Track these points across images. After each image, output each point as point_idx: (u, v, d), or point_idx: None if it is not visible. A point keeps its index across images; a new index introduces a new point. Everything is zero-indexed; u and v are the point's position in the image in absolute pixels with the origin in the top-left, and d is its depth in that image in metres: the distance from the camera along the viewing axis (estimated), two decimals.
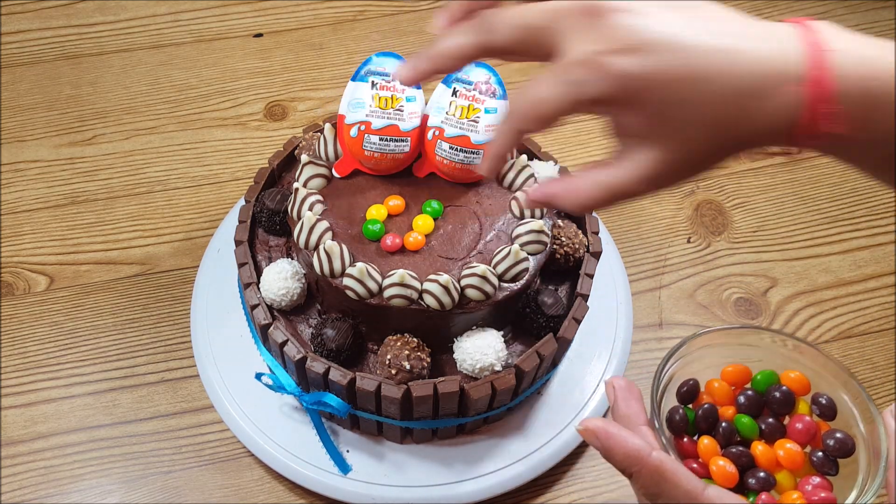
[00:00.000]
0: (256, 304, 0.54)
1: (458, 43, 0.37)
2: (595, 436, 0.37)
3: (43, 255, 0.71)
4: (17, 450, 0.61)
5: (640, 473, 0.36)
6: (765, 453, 0.39)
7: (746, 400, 0.41)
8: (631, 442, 0.36)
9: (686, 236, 0.75)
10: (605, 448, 0.37)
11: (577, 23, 0.34)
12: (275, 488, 0.60)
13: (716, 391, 0.42)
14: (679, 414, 0.41)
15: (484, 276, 0.50)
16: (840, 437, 0.39)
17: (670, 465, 0.35)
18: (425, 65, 0.38)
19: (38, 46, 0.87)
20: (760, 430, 0.40)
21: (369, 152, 0.54)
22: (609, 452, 0.37)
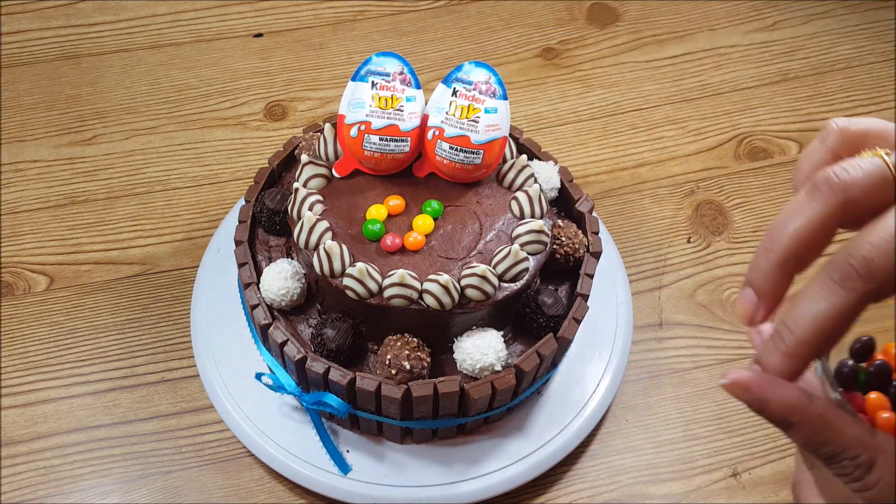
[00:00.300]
0: (256, 304, 0.54)
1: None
2: (746, 389, 0.32)
3: (43, 255, 0.71)
4: (17, 450, 0.61)
5: (801, 424, 0.31)
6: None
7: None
8: (788, 391, 0.31)
9: (686, 236, 0.75)
10: (760, 400, 0.31)
11: None
12: (275, 488, 0.60)
13: (893, 356, 0.37)
14: (848, 367, 0.36)
15: (484, 276, 0.50)
16: None
17: (834, 412, 0.31)
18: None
19: (38, 46, 0.87)
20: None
21: (369, 152, 0.54)
22: (764, 405, 0.32)
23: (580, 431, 0.60)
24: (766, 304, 0.31)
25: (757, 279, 0.31)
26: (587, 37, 0.91)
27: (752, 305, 0.31)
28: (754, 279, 0.31)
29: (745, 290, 0.32)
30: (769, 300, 0.31)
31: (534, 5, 0.94)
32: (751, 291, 0.31)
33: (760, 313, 0.32)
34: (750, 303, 0.31)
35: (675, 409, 0.65)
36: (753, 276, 0.31)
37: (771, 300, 0.31)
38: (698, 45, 0.91)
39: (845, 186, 0.29)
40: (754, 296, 0.31)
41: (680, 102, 0.85)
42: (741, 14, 0.94)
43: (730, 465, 0.62)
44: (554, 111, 0.84)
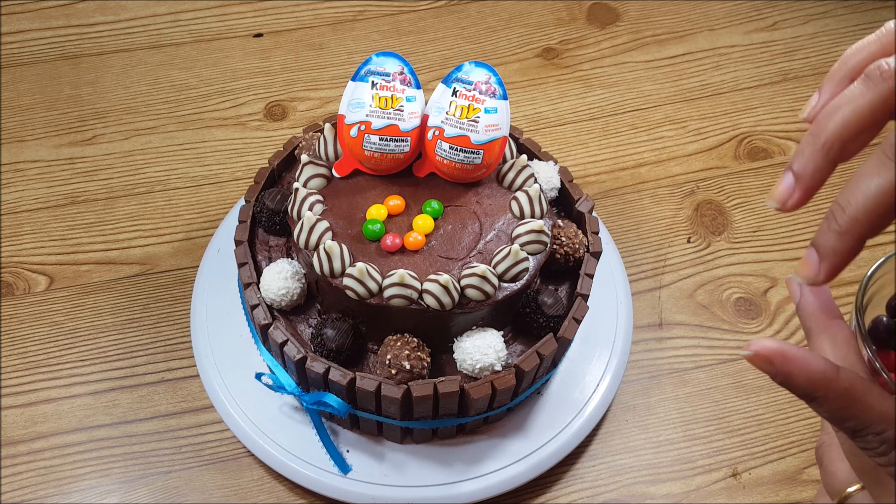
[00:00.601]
0: (256, 304, 0.54)
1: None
2: (769, 361, 0.31)
3: (43, 255, 0.71)
4: (17, 450, 0.61)
5: (826, 398, 0.31)
6: None
7: None
8: (814, 364, 0.31)
9: (686, 236, 0.75)
10: (784, 374, 0.31)
11: None
12: (275, 488, 0.60)
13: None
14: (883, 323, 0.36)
15: (484, 276, 0.50)
16: None
17: (861, 385, 0.30)
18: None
19: (38, 46, 0.87)
20: None
21: (369, 152, 0.54)
22: (789, 378, 0.31)
23: (580, 431, 0.60)
24: (803, 189, 0.30)
25: (798, 163, 0.30)
26: (587, 37, 0.91)
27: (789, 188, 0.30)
28: (795, 163, 0.30)
29: (784, 174, 0.31)
30: (807, 184, 0.30)
31: (534, 5, 0.94)
32: (790, 175, 0.30)
33: (796, 196, 0.30)
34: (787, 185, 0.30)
35: (674, 409, 0.65)
36: (795, 160, 0.30)
37: (809, 185, 0.30)
38: (698, 45, 0.91)
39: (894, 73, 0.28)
40: (792, 179, 0.30)
41: (680, 102, 0.85)
42: (741, 14, 0.94)
43: (730, 465, 0.62)
44: (554, 111, 0.84)
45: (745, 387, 0.66)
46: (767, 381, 0.67)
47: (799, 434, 0.64)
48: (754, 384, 0.66)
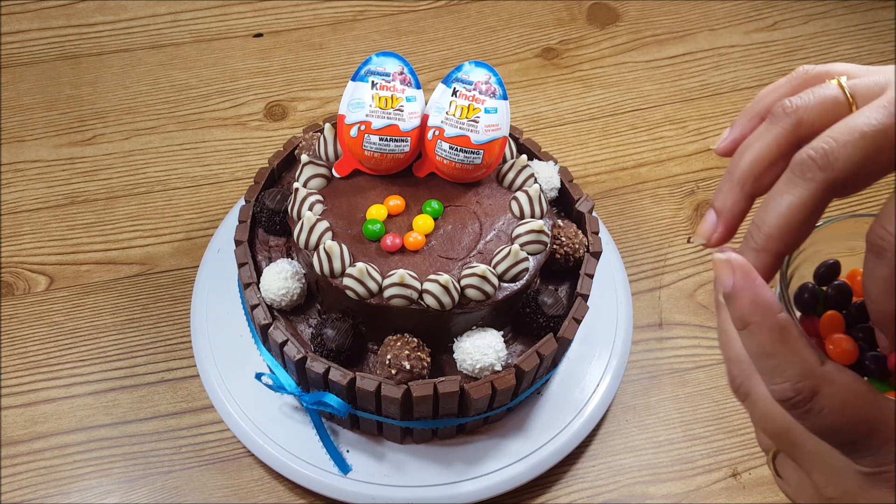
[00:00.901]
0: (256, 304, 0.54)
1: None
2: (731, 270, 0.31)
3: (43, 255, 0.71)
4: (17, 450, 0.61)
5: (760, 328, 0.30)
6: None
7: None
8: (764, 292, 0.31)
9: (686, 236, 0.75)
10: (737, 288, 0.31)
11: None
12: (275, 488, 0.60)
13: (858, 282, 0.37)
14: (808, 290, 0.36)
15: (484, 276, 0.50)
16: None
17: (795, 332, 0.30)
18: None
19: (38, 46, 0.87)
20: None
21: (369, 152, 0.54)
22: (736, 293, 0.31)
23: (580, 431, 0.60)
24: (724, 223, 0.33)
25: (718, 200, 0.33)
26: (587, 37, 0.91)
27: (712, 225, 0.33)
28: (716, 200, 0.33)
29: (708, 212, 0.33)
30: (727, 219, 0.33)
31: (534, 5, 0.94)
32: (712, 212, 0.33)
33: (719, 231, 0.33)
34: (710, 223, 0.33)
35: (674, 409, 0.65)
36: (715, 198, 0.33)
37: (730, 219, 0.33)
38: (698, 45, 0.91)
39: (797, 109, 0.31)
40: (714, 216, 0.33)
41: (680, 102, 0.85)
42: (741, 14, 0.94)
43: (730, 465, 0.62)
44: (554, 111, 0.84)
45: None
46: None
47: None
48: None
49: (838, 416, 0.29)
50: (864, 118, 0.29)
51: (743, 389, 0.33)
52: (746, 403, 0.33)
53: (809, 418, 0.30)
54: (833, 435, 0.30)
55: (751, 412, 0.33)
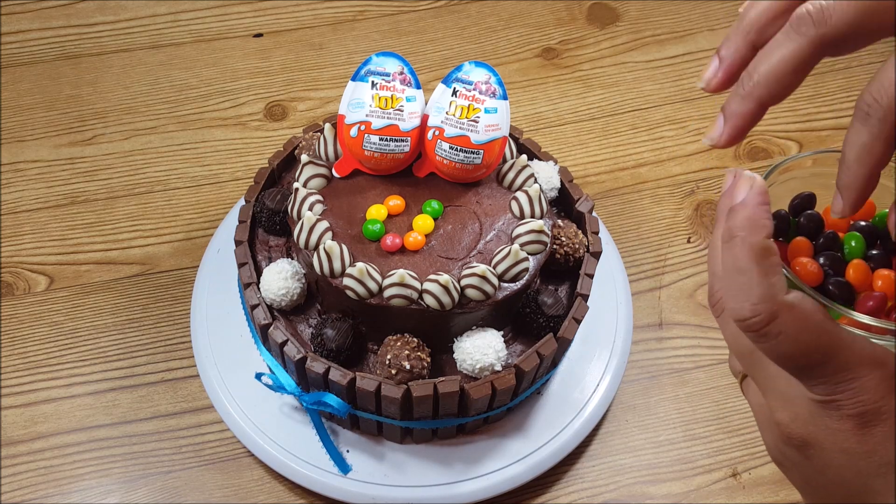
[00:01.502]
0: (256, 304, 0.54)
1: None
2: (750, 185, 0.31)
3: (43, 255, 0.71)
4: (17, 450, 0.61)
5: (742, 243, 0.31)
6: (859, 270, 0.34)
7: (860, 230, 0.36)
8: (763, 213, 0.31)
9: (686, 236, 0.75)
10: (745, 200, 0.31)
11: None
12: (275, 488, 0.60)
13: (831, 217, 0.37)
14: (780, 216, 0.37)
15: (484, 276, 0.50)
16: None
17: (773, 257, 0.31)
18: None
19: (38, 46, 0.87)
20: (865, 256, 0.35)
21: (369, 152, 0.54)
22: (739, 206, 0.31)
23: (580, 431, 0.60)
24: (725, 70, 0.33)
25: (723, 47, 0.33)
26: (587, 37, 0.91)
27: (714, 70, 0.34)
28: (721, 47, 0.33)
29: (712, 59, 0.34)
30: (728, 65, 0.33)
31: (534, 5, 0.94)
32: (716, 58, 0.33)
33: (718, 77, 0.34)
34: (713, 68, 0.34)
35: (674, 409, 0.65)
36: (721, 45, 0.33)
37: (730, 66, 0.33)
38: (698, 45, 0.91)
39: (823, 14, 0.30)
40: (717, 62, 0.33)
41: (680, 102, 0.85)
42: None
43: (730, 465, 0.62)
44: (554, 111, 0.84)
45: None
46: None
47: None
48: None
49: (793, 343, 0.30)
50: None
51: (719, 305, 0.33)
52: (720, 320, 0.34)
53: (766, 342, 0.30)
54: (787, 360, 0.31)
55: (722, 329, 0.34)
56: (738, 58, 0.33)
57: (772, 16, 0.32)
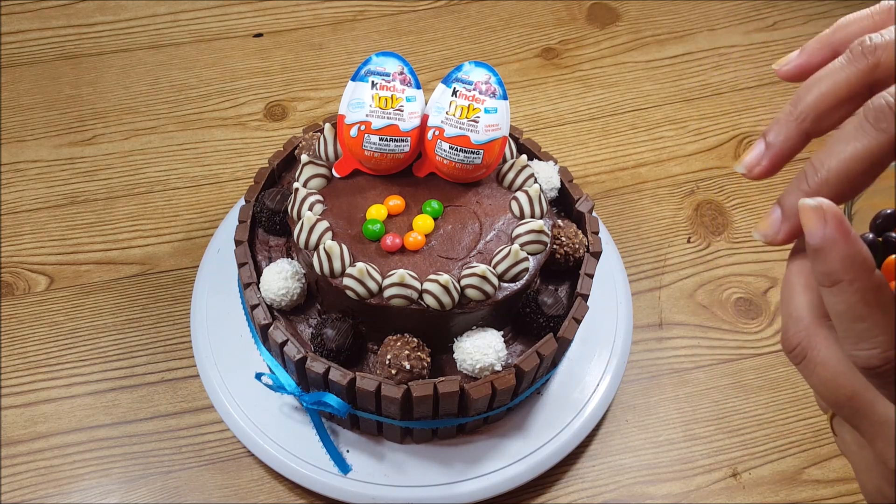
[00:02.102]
0: (256, 304, 0.54)
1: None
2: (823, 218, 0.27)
3: (43, 255, 0.71)
4: (17, 450, 0.61)
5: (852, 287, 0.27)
6: None
7: None
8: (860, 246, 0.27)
9: (686, 236, 0.75)
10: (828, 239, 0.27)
11: None
12: (275, 488, 0.60)
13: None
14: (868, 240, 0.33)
15: (484, 276, 0.50)
16: None
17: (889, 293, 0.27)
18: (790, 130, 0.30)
19: (38, 46, 0.87)
20: None
21: (369, 152, 0.54)
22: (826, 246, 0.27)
23: (580, 431, 0.60)
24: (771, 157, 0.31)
25: (772, 132, 0.30)
26: (587, 37, 0.91)
27: (759, 155, 0.31)
28: (769, 132, 0.30)
29: (757, 142, 0.31)
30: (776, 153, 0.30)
31: (534, 5, 0.94)
32: (762, 143, 0.31)
33: (763, 165, 0.31)
34: (757, 152, 0.31)
35: (674, 409, 0.65)
36: (769, 129, 0.30)
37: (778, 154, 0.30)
38: (698, 45, 0.91)
39: (876, 48, 0.28)
40: (763, 147, 0.31)
41: (680, 102, 0.85)
42: (741, 14, 0.94)
43: (730, 465, 0.62)
44: (554, 111, 0.84)
45: (745, 387, 0.66)
46: (767, 382, 0.67)
47: (799, 434, 0.64)
48: (754, 384, 0.66)
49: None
50: None
51: (799, 351, 0.29)
52: (801, 366, 0.30)
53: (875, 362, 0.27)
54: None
55: (807, 376, 0.30)
56: (788, 147, 0.30)
57: (834, 103, 0.29)
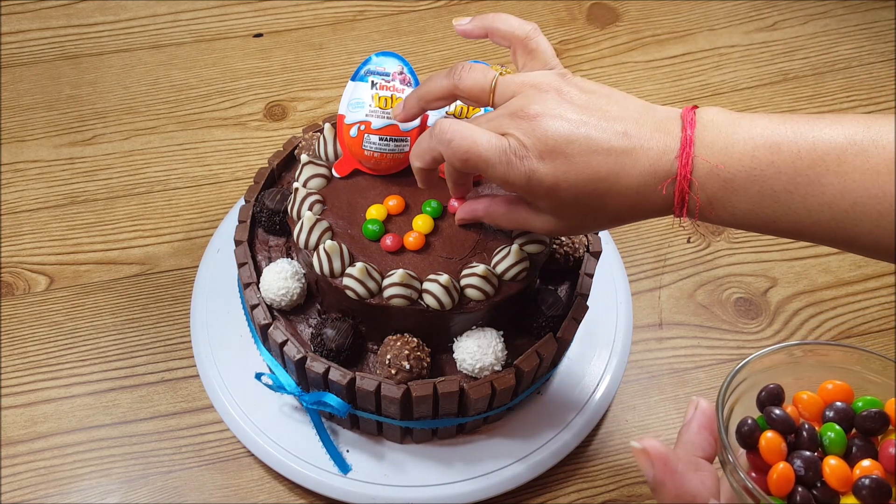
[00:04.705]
0: (256, 304, 0.54)
1: (438, 85, 0.46)
2: (650, 462, 0.33)
3: (43, 255, 0.71)
4: (17, 450, 0.61)
5: None
6: (837, 470, 0.33)
7: (836, 413, 0.35)
8: (689, 484, 0.33)
9: (686, 236, 0.75)
10: (658, 480, 0.33)
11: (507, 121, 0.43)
12: (275, 488, 0.60)
13: (804, 402, 0.36)
14: (748, 424, 0.35)
15: (484, 276, 0.50)
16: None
17: None
18: (416, 107, 0.49)
19: (38, 46, 0.87)
20: (848, 449, 0.34)
21: (369, 152, 0.54)
22: (659, 486, 0.33)
23: (580, 431, 0.60)
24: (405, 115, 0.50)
25: (402, 112, 0.50)
26: (587, 37, 0.91)
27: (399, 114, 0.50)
28: (399, 113, 0.50)
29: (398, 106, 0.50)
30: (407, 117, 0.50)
31: (534, 5, 0.94)
32: (402, 105, 0.50)
33: (401, 115, 0.50)
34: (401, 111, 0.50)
35: (674, 409, 0.65)
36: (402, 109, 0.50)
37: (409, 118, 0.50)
38: (698, 45, 0.91)
39: (461, 79, 0.45)
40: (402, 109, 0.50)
41: (680, 102, 0.85)
42: (741, 14, 0.94)
43: None
44: None
45: None
46: None
47: None
48: None
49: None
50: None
51: None
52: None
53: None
54: None
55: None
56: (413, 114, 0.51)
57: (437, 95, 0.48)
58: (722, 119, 0.40)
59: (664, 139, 0.40)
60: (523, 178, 0.41)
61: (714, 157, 0.39)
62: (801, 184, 0.37)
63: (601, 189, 0.40)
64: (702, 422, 0.36)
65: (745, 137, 0.39)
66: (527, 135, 0.41)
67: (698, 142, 0.40)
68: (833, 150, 0.36)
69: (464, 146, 0.42)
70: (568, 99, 0.42)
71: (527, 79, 0.44)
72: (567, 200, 0.41)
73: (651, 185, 0.40)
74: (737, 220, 0.40)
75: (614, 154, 0.40)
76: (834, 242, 0.39)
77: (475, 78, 0.45)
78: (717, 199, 0.39)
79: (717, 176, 0.39)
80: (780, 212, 0.38)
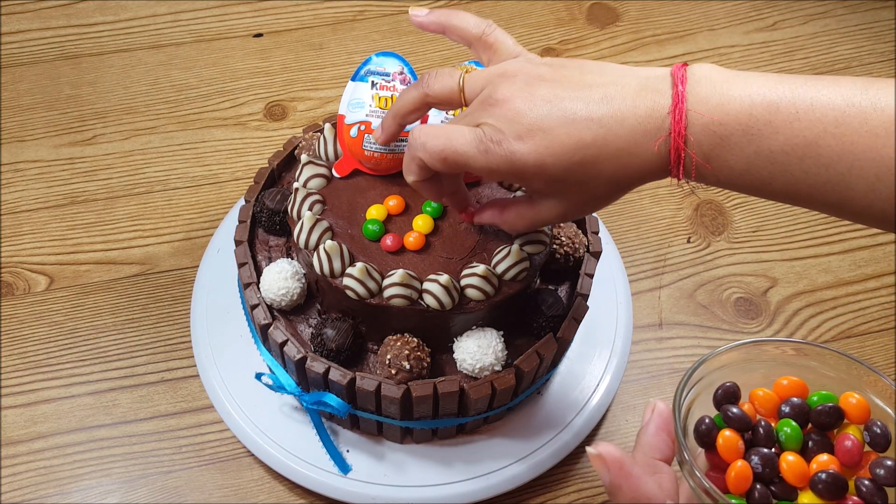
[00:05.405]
0: (256, 304, 0.54)
1: (409, 97, 0.47)
2: (606, 467, 0.35)
3: (43, 255, 0.71)
4: (17, 450, 0.61)
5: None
6: (794, 466, 0.34)
7: (791, 408, 0.36)
8: (645, 486, 0.34)
9: (686, 236, 0.75)
10: (614, 484, 0.34)
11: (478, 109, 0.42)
12: (275, 488, 0.60)
13: (760, 399, 0.37)
14: (706, 423, 0.36)
15: (484, 276, 0.50)
16: (891, 466, 0.34)
17: None
18: (393, 125, 0.49)
19: (38, 46, 0.87)
20: (804, 444, 0.35)
21: (369, 152, 0.54)
22: (616, 490, 0.34)
23: (580, 431, 0.60)
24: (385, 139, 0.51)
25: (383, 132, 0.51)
26: (587, 37, 0.91)
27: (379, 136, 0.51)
28: (379, 134, 0.51)
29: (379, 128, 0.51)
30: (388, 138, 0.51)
31: (534, 5, 0.94)
32: (380, 128, 0.51)
33: (381, 137, 0.51)
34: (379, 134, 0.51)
35: None
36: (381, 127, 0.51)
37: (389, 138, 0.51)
38: (698, 45, 0.91)
39: (429, 86, 0.45)
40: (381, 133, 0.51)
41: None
42: (741, 14, 0.94)
43: None
44: None
45: None
46: None
47: None
48: None
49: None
50: None
51: None
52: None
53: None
54: None
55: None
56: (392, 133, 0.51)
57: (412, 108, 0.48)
58: (717, 76, 0.40)
59: (652, 97, 0.39)
60: (506, 163, 0.40)
61: (709, 112, 0.38)
62: (798, 145, 0.36)
63: (590, 156, 0.39)
64: (659, 423, 0.37)
65: (741, 95, 0.38)
66: (499, 119, 0.40)
67: (691, 97, 0.39)
68: (831, 112, 0.36)
69: (438, 145, 0.42)
70: (537, 76, 0.41)
71: (493, 70, 0.44)
72: (557, 175, 0.40)
73: (643, 143, 0.39)
74: (732, 180, 0.39)
75: (596, 119, 0.39)
76: (825, 207, 0.38)
77: (442, 82, 0.45)
78: (713, 156, 0.38)
79: (712, 132, 0.38)
80: (777, 172, 0.37)
